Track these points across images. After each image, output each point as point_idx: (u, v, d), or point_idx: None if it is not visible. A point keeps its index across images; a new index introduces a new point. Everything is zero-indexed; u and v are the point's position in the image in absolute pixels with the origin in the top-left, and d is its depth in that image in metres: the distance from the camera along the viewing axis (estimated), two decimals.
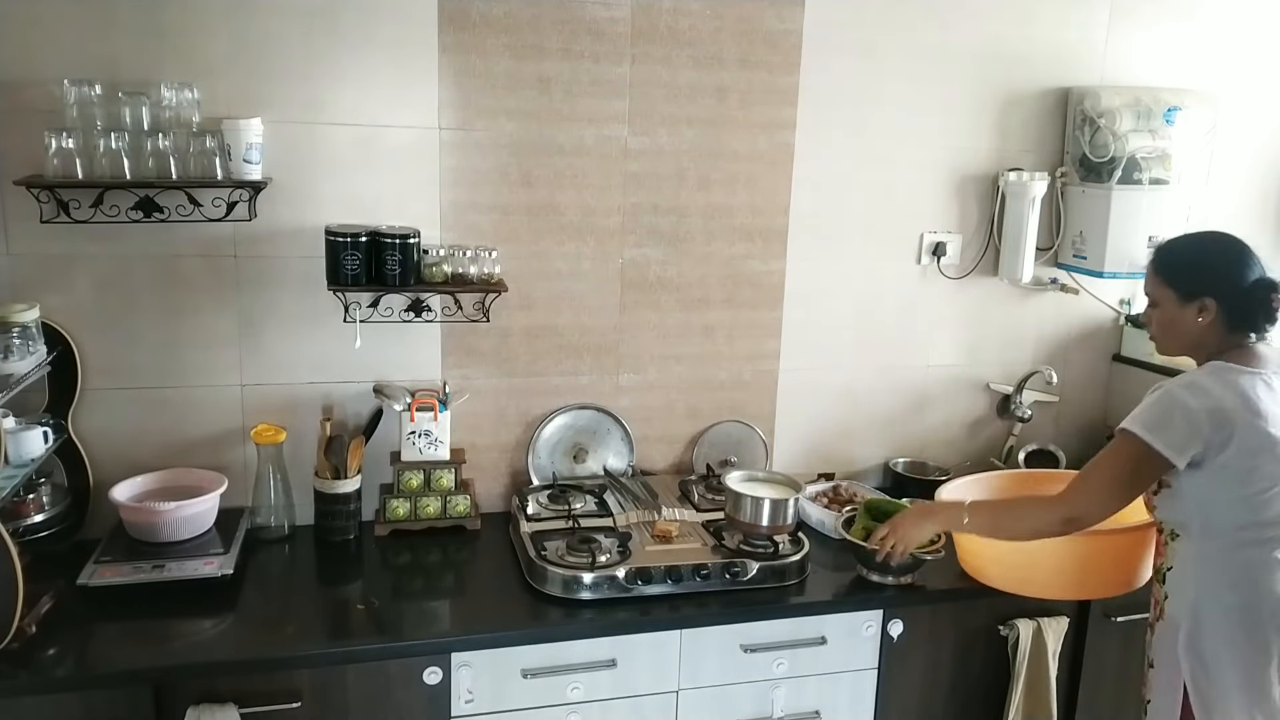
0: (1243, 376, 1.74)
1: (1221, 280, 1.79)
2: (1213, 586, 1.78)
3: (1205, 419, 1.69)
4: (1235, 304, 1.78)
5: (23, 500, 2.01)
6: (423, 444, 2.30)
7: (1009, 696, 2.23)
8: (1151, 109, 2.55)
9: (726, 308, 2.56)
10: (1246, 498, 1.73)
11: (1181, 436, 1.70)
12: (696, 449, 2.61)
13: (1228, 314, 1.78)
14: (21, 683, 1.70)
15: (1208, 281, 1.79)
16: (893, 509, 2.18)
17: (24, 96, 2.02)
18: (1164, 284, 1.84)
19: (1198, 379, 1.75)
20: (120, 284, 2.16)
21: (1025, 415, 2.77)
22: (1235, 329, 1.79)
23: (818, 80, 2.49)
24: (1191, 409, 1.70)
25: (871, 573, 2.16)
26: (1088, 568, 2.06)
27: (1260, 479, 1.72)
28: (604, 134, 2.38)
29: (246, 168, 2.05)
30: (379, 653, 1.87)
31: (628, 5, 2.33)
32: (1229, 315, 1.78)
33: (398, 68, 2.22)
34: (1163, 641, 1.86)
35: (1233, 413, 1.70)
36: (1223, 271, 1.79)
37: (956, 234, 2.69)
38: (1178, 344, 1.87)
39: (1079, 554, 2.03)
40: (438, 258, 2.20)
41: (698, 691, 2.08)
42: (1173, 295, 1.82)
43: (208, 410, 2.27)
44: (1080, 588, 2.13)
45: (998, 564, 2.12)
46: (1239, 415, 1.70)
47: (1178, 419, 1.71)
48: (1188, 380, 1.75)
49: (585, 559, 2.05)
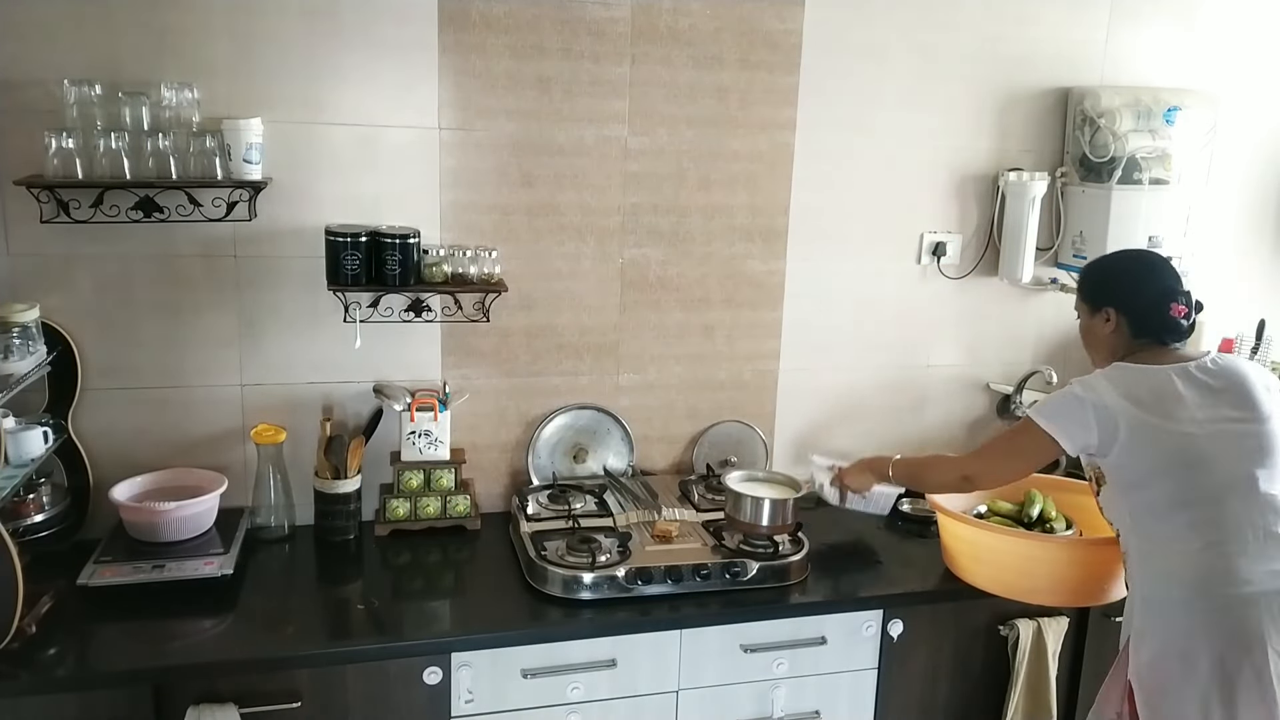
0: (1139, 374, 1.84)
1: (1122, 291, 1.93)
2: (1153, 584, 1.81)
3: (1092, 413, 1.81)
4: (1135, 313, 1.90)
5: (23, 500, 2.01)
6: (423, 444, 2.30)
7: (1009, 696, 2.23)
8: (1151, 109, 2.55)
9: (726, 308, 2.56)
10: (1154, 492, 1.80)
11: (1071, 426, 1.83)
12: (696, 449, 2.62)
13: (1129, 323, 1.91)
14: (21, 683, 1.70)
15: (1110, 293, 1.94)
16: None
17: (24, 96, 2.02)
18: (1079, 297, 2.01)
19: (1094, 376, 1.87)
20: (120, 284, 2.16)
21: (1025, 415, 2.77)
22: (1139, 337, 1.90)
23: (818, 80, 2.48)
24: (1081, 402, 1.83)
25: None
26: (1079, 575, 2.08)
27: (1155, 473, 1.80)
28: (604, 134, 2.38)
29: (246, 168, 2.05)
30: (379, 653, 1.87)
31: (628, 5, 2.33)
32: (1130, 324, 1.91)
33: (398, 68, 2.22)
34: (1121, 638, 1.91)
35: (1116, 410, 1.80)
36: (1125, 283, 1.94)
37: (956, 234, 2.69)
38: (1094, 353, 2.00)
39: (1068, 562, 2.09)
40: (438, 258, 2.20)
41: (698, 691, 2.08)
42: (1085, 307, 1.99)
43: (208, 410, 2.27)
44: (1073, 595, 2.13)
45: (989, 568, 2.14)
46: (1122, 410, 1.80)
47: (1069, 410, 1.84)
48: (1087, 377, 1.88)
49: (585, 559, 2.05)
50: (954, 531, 2.19)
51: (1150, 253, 2.09)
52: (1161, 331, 1.89)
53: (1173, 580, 1.78)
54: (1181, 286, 1.91)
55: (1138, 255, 2.07)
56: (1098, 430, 1.81)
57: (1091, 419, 1.81)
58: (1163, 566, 1.80)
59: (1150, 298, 1.90)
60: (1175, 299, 1.88)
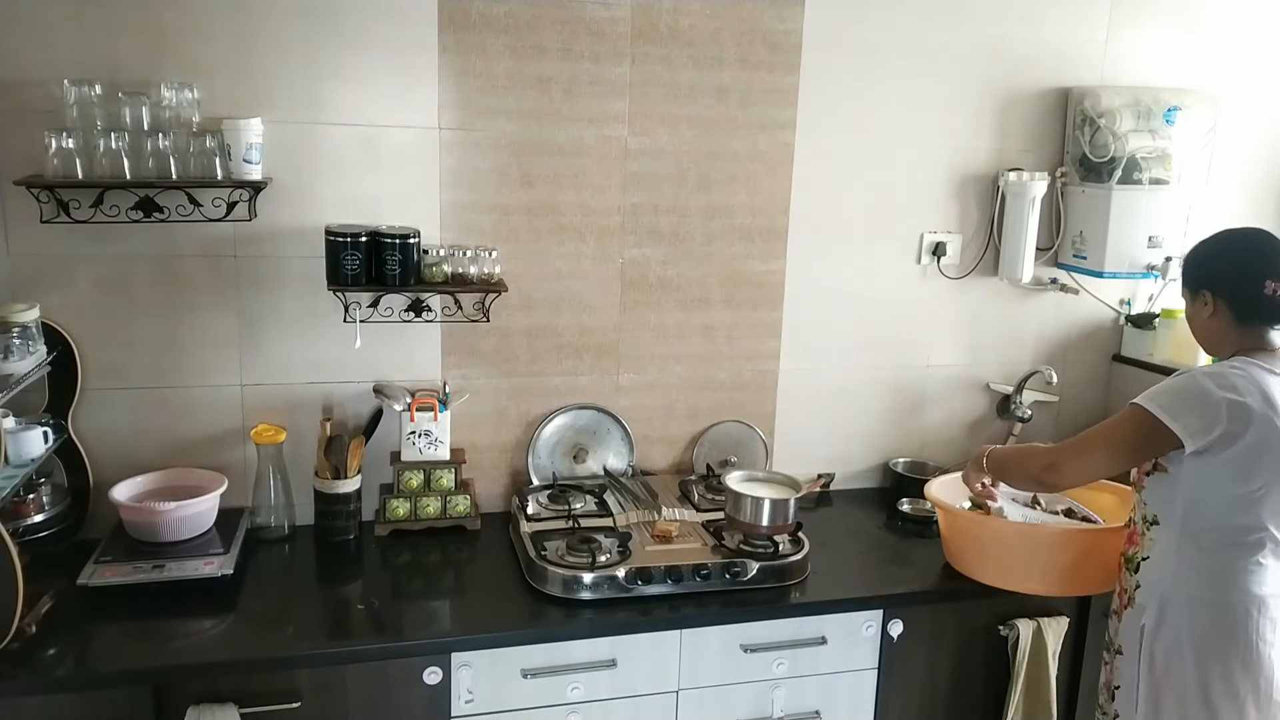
0: (1266, 374, 1.74)
1: (1221, 274, 1.81)
2: (1188, 581, 1.79)
3: (1225, 408, 1.70)
4: (1236, 297, 1.79)
5: (23, 500, 2.01)
6: (423, 444, 2.30)
7: (1009, 696, 2.23)
8: (1151, 109, 2.55)
9: (726, 308, 2.56)
10: (1239, 496, 1.73)
11: (1198, 420, 1.71)
12: (696, 449, 2.62)
13: (1231, 307, 1.79)
14: (21, 683, 1.69)
15: (1208, 275, 1.82)
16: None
17: (24, 96, 2.02)
18: (1182, 280, 1.88)
19: (1223, 369, 1.75)
20: (120, 284, 2.16)
21: (1025, 415, 2.77)
22: (1244, 322, 1.79)
23: (818, 80, 2.48)
24: (1214, 396, 1.71)
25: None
26: (1066, 563, 2.08)
27: (1258, 478, 1.72)
28: (604, 134, 2.38)
29: (246, 168, 2.06)
30: (379, 653, 1.87)
31: (628, 5, 2.33)
32: (1233, 309, 1.79)
33: (398, 68, 2.22)
34: (1130, 628, 1.88)
35: (1252, 408, 1.70)
36: (1223, 265, 1.81)
37: (956, 234, 2.69)
38: (1200, 339, 1.88)
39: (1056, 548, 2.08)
40: (438, 258, 2.20)
41: (698, 691, 2.08)
42: (1186, 292, 1.87)
43: (208, 410, 2.27)
44: (1063, 584, 2.13)
45: (982, 558, 2.15)
46: (1257, 411, 1.70)
47: (1196, 402, 1.72)
48: (1213, 369, 1.77)
49: (585, 559, 2.05)
50: (952, 524, 2.20)
51: (1254, 230, 1.87)
52: (1264, 314, 1.77)
53: (1217, 584, 1.76)
54: None
55: (1235, 233, 1.87)
56: (1226, 424, 1.69)
57: (1224, 413, 1.69)
58: (1200, 567, 1.77)
59: (1250, 279, 1.76)
60: (1271, 276, 1.74)
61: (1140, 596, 1.86)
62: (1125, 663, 1.89)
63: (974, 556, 2.16)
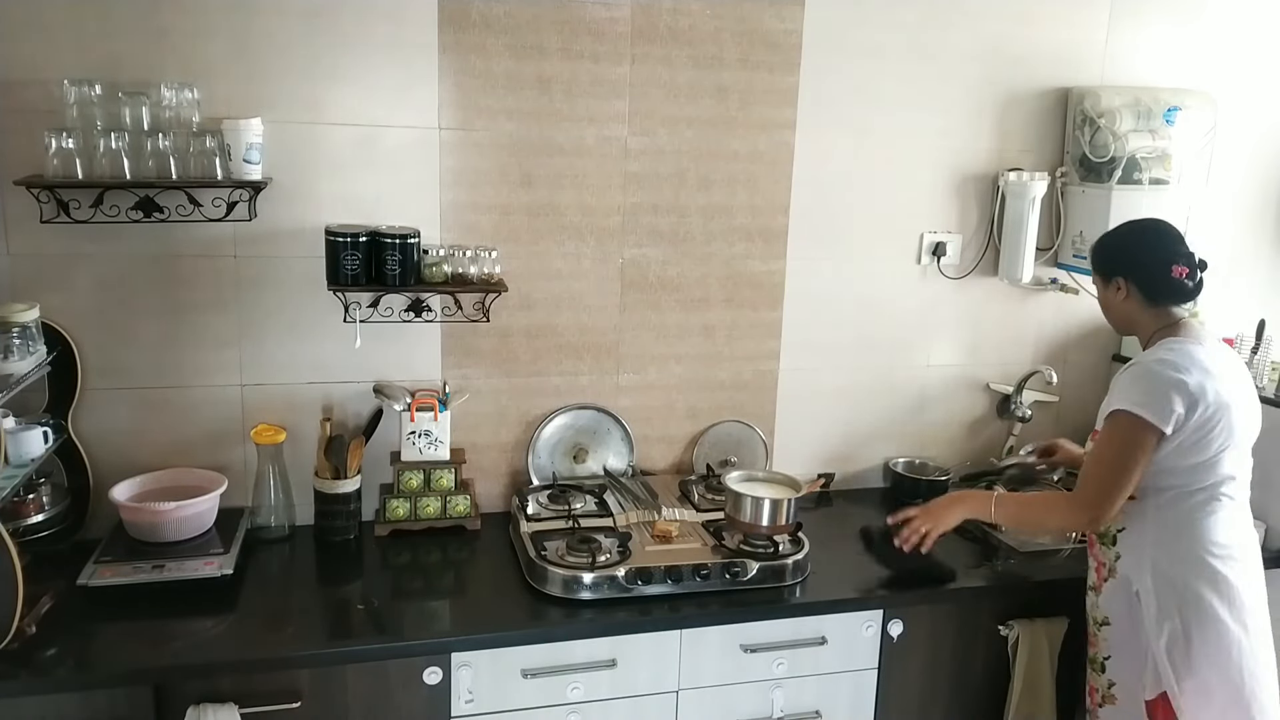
0: (1194, 346, 1.89)
1: (1129, 259, 1.99)
2: (1168, 540, 1.90)
3: (1181, 389, 1.84)
4: (1147, 281, 1.96)
5: (23, 500, 2.01)
6: (423, 444, 2.30)
7: (1009, 696, 2.24)
8: (1151, 109, 2.55)
9: (726, 308, 2.56)
10: (1203, 462, 1.87)
11: (1167, 406, 1.84)
12: (696, 449, 2.62)
13: (1142, 291, 1.96)
14: (21, 683, 1.69)
15: (1118, 262, 2.00)
16: None
17: (24, 96, 2.02)
18: (1093, 271, 2.07)
19: (1165, 355, 1.89)
20: (120, 284, 2.16)
21: (1025, 415, 2.77)
22: (1155, 304, 1.96)
23: (818, 80, 2.48)
24: (1171, 380, 1.85)
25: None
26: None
27: (1215, 443, 1.86)
28: (604, 134, 2.38)
29: (246, 168, 2.05)
30: (379, 653, 1.87)
31: (628, 5, 2.33)
32: (1144, 292, 1.96)
33: (398, 68, 2.22)
34: (1115, 598, 1.98)
35: (1199, 384, 1.84)
36: (1130, 251, 2.00)
37: (956, 234, 2.69)
38: (1113, 321, 2.07)
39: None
40: (438, 258, 2.20)
41: (698, 691, 2.08)
42: (1098, 279, 2.05)
43: (208, 410, 2.27)
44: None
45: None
46: (1205, 385, 1.84)
47: (1160, 390, 1.85)
48: (1157, 357, 1.90)
49: (585, 559, 2.05)
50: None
51: (1151, 219, 2.07)
52: (1175, 295, 1.94)
53: (1185, 530, 1.89)
54: (1183, 249, 1.95)
55: (1137, 223, 2.07)
56: (1186, 405, 1.83)
57: (1182, 394, 1.83)
58: (1173, 522, 1.90)
59: (1155, 262, 1.95)
60: (1176, 261, 1.92)
61: (1123, 567, 1.96)
62: (1113, 632, 1.99)
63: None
